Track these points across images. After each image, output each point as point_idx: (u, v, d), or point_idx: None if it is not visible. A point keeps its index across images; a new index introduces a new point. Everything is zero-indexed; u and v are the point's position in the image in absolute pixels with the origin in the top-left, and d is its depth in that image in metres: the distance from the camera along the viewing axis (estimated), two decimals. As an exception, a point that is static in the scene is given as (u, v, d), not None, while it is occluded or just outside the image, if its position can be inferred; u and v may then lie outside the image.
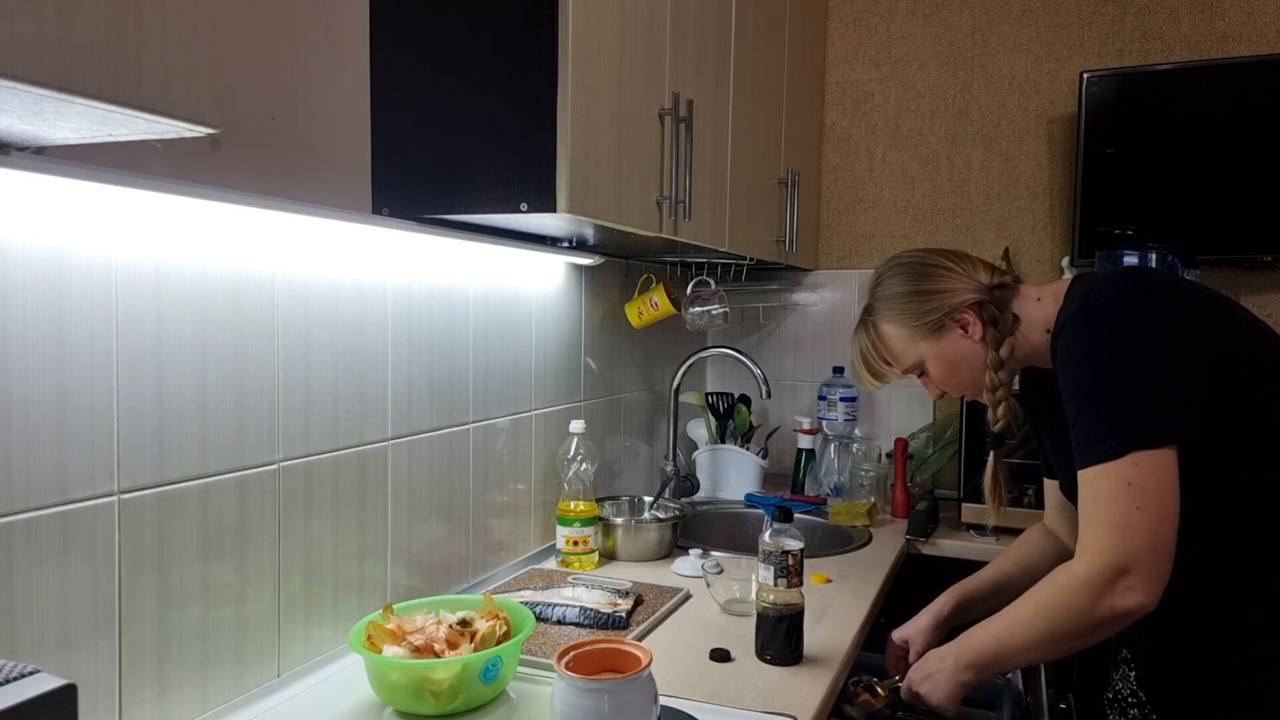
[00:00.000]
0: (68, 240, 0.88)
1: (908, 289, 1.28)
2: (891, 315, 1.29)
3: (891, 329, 1.30)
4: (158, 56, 0.89)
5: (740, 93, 1.90)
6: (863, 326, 1.34)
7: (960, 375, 1.28)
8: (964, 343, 1.25)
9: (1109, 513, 1.01)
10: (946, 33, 2.50)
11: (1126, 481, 1.00)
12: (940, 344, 1.27)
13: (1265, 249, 2.07)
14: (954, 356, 1.27)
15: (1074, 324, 1.10)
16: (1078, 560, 1.04)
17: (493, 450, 1.62)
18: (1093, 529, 1.02)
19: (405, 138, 1.26)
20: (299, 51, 1.12)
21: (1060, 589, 1.05)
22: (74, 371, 0.89)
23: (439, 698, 1.07)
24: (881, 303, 1.31)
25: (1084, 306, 1.10)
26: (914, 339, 1.28)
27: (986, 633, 1.16)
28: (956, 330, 1.25)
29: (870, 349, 1.33)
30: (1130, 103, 2.16)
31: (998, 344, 1.23)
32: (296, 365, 1.17)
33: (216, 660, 1.06)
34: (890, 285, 1.30)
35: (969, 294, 1.24)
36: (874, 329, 1.32)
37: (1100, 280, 1.14)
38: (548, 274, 1.80)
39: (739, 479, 2.37)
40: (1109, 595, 1.00)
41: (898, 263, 1.32)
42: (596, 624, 1.39)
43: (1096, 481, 1.02)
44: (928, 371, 1.30)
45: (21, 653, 0.85)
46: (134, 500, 0.96)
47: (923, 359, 1.29)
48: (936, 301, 1.26)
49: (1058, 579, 1.07)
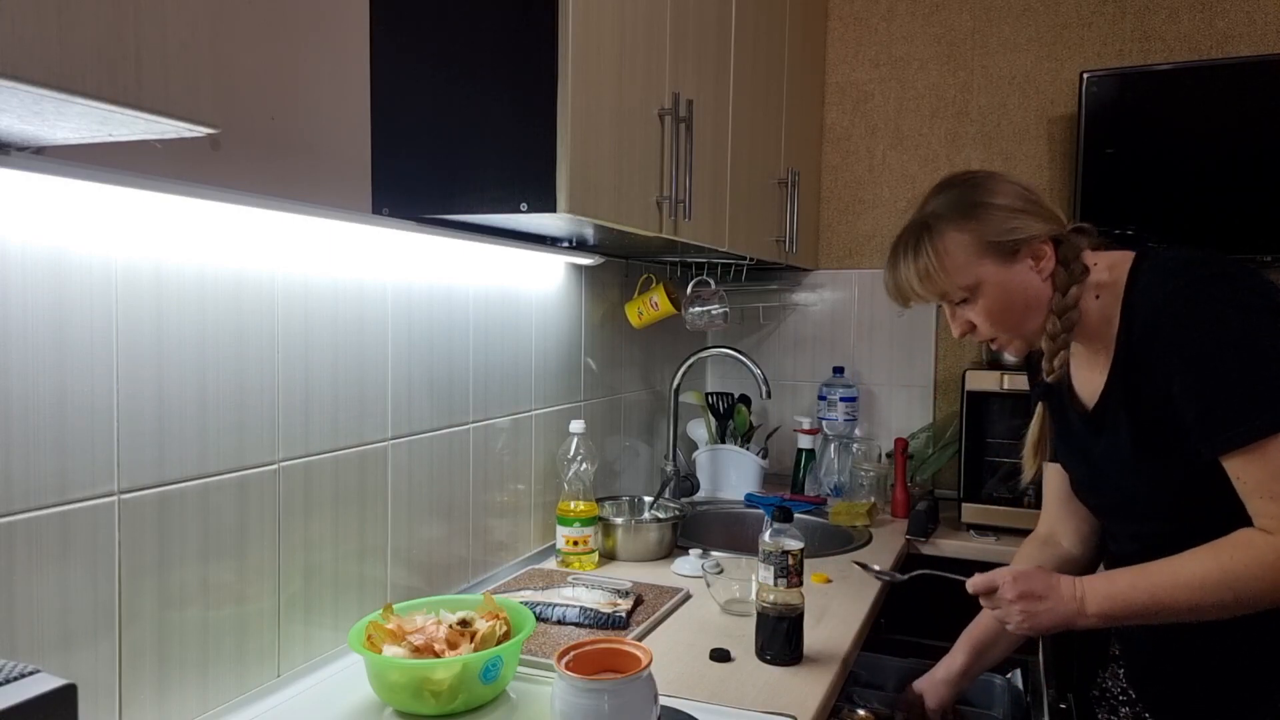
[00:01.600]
0: (68, 240, 0.88)
1: (992, 200, 1.16)
2: (965, 224, 1.15)
3: (961, 238, 1.16)
4: (158, 56, 0.89)
5: (740, 93, 1.90)
6: (920, 232, 1.19)
7: (1014, 312, 1.17)
8: (1031, 276, 1.16)
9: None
10: (946, 33, 2.50)
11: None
12: (1007, 270, 1.15)
13: (1265, 249, 2.07)
14: (1016, 288, 1.16)
15: (1191, 289, 1.04)
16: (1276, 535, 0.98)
17: (493, 450, 1.62)
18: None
19: (405, 138, 1.26)
20: (299, 51, 1.12)
21: (1256, 560, 0.99)
22: (74, 371, 0.89)
23: (439, 698, 1.07)
24: (955, 209, 1.17)
25: (1194, 272, 1.05)
26: (981, 256, 1.15)
27: (1134, 586, 1.06)
28: (1028, 260, 1.15)
29: (929, 256, 1.17)
30: (1130, 103, 2.16)
31: (1065, 289, 1.15)
32: (296, 365, 1.17)
33: (216, 660, 1.06)
34: (969, 193, 1.17)
35: (1051, 226, 1.16)
36: (936, 235, 1.17)
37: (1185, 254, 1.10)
38: (548, 274, 1.80)
39: (739, 479, 2.37)
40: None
41: (980, 173, 1.21)
42: (596, 624, 1.39)
43: (1274, 451, 0.97)
44: (976, 299, 1.18)
45: (21, 653, 0.85)
46: (134, 500, 0.96)
47: (980, 282, 1.16)
48: (1020, 222, 1.14)
49: (1252, 549, 1.00)
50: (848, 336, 2.62)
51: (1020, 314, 1.18)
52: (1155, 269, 1.12)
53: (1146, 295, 1.10)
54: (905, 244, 1.21)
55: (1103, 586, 1.09)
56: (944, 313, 1.26)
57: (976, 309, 1.19)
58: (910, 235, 1.20)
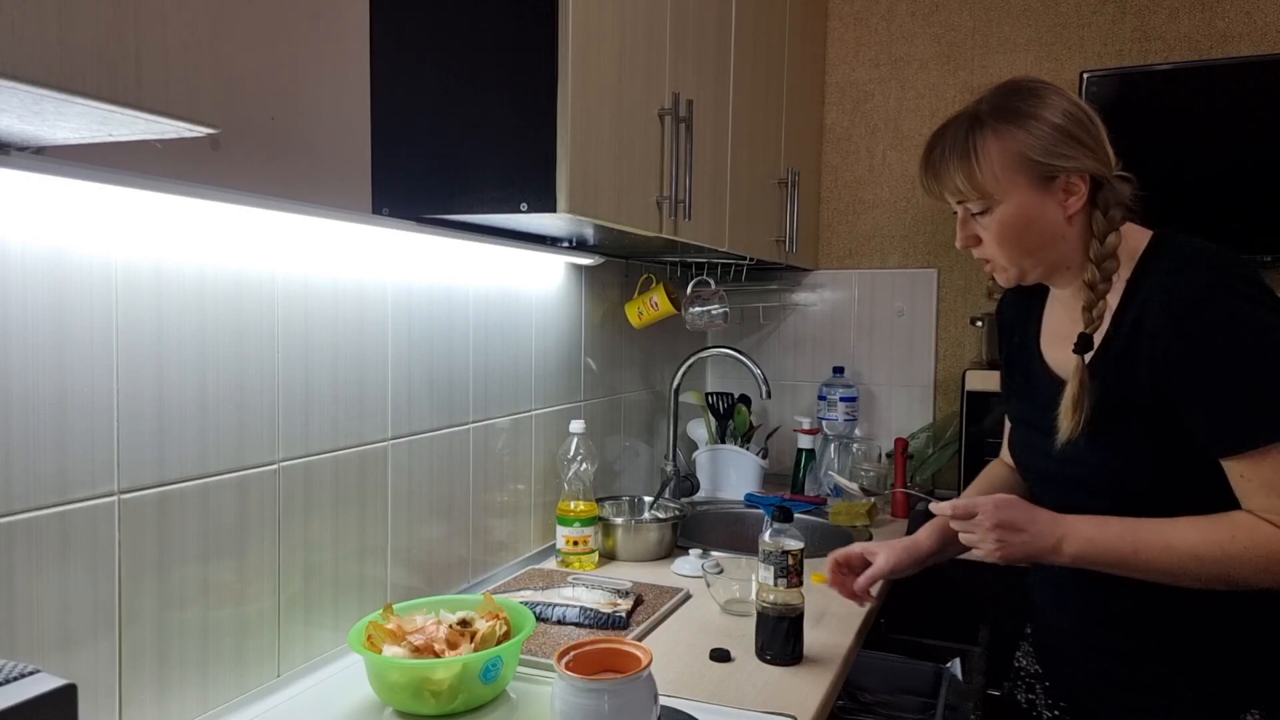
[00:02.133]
0: (68, 240, 0.88)
1: (1047, 115, 1.11)
2: (1014, 132, 1.10)
3: (1003, 145, 1.11)
4: (158, 56, 0.89)
5: (740, 93, 1.90)
6: (968, 124, 1.13)
7: (1025, 241, 1.13)
8: (1056, 210, 1.12)
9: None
10: (946, 33, 2.49)
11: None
12: (1035, 194, 1.11)
13: (1265, 249, 2.07)
14: (1036, 216, 1.12)
15: (1213, 295, 1.03)
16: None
17: (493, 450, 1.62)
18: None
19: (405, 138, 1.26)
20: (299, 51, 1.12)
21: (1262, 548, 1.01)
22: (74, 371, 0.89)
23: (439, 698, 1.07)
24: (1007, 114, 1.11)
25: (1217, 277, 1.04)
26: (1017, 171, 1.10)
27: (1121, 538, 1.07)
28: (1060, 192, 1.11)
29: (971, 152, 1.12)
30: (1130, 103, 2.16)
31: (1104, 236, 1.12)
32: (296, 365, 1.17)
33: (216, 660, 1.06)
34: (1027, 102, 1.12)
35: (1098, 165, 1.12)
36: (980, 132, 1.12)
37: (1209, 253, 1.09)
38: (548, 274, 1.80)
39: (739, 479, 2.36)
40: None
41: (1049, 86, 1.14)
42: (596, 624, 1.39)
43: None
44: (993, 213, 1.13)
45: (21, 653, 0.85)
46: (134, 500, 0.96)
47: (1004, 198, 1.12)
48: (1068, 149, 1.10)
49: (1258, 535, 1.01)
50: (848, 336, 2.62)
51: (1030, 244, 1.14)
52: (1181, 257, 1.10)
53: (1175, 284, 1.07)
54: (950, 133, 1.15)
55: (1088, 530, 1.09)
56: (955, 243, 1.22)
57: (989, 224, 1.15)
58: (957, 126, 1.15)
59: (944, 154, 1.15)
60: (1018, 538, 1.10)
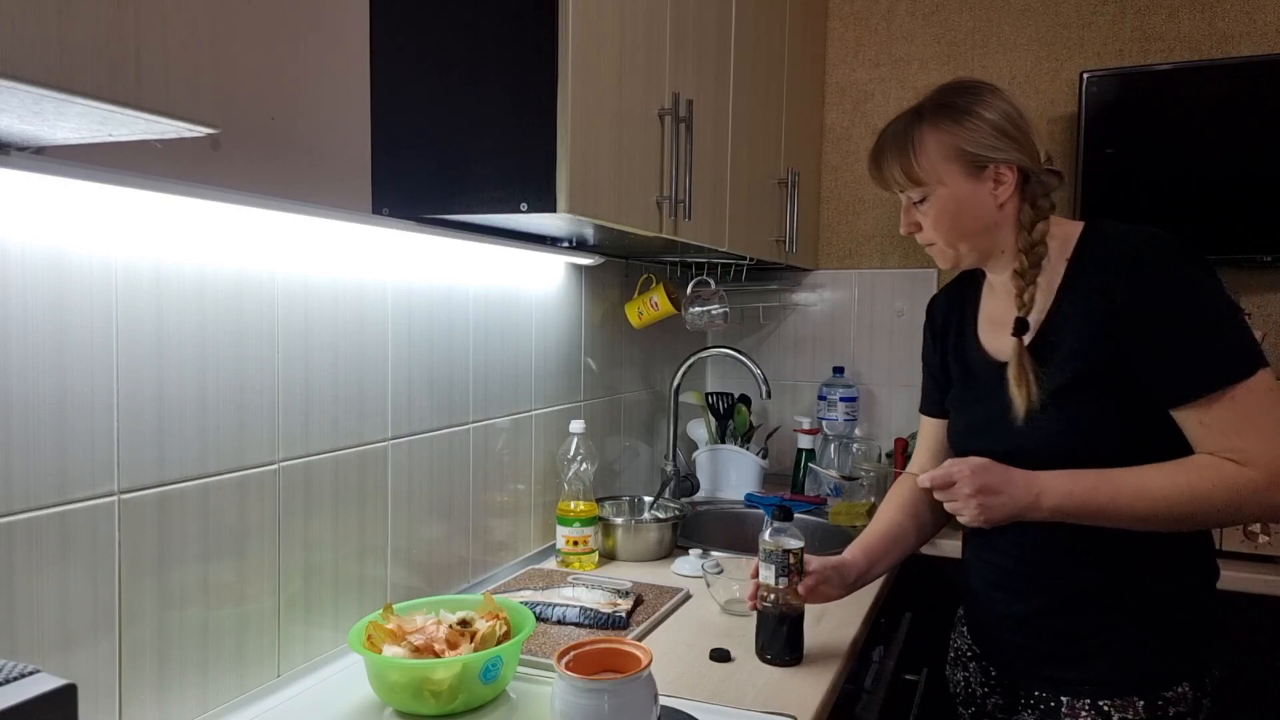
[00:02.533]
0: (68, 240, 0.88)
1: (982, 113, 1.20)
2: (949, 127, 1.21)
3: (940, 138, 1.21)
4: (158, 56, 0.89)
5: (740, 93, 1.90)
6: (910, 119, 1.25)
7: (958, 226, 1.23)
8: (986, 198, 1.21)
9: (1268, 420, 1.07)
10: (946, 33, 2.50)
11: (1268, 387, 1.07)
12: (967, 183, 1.21)
13: (1265, 249, 2.07)
14: (968, 203, 1.21)
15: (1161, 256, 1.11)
16: (1252, 466, 1.06)
17: (493, 450, 1.62)
18: (1260, 440, 1.06)
19: (405, 138, 1.26)
20: (299, 51, 1.12)
21: (1228, 484, 1.07)
22: (74, 371, 0.89)
23: (439, 698, 1.07)
24: (946, 110, 1.22)
25: (1159, 242, 1.13)
26: (948, 161, 1.21)
27: (1097, 489, 1.12)
28: (990, 182, 1.21)
29: (908, 144, 1.23)
30: (1130, 103, 2.16)
31: (1031, 225, 1.21)
32: (296, 365, 1.17)
33: (216, 660, 1.06)
34: (966, 100, 1.22)
35: (1025, 158, 1.20)
36: (919, 127, 1.23)
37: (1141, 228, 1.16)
38: (548, 274, 1.80)
39: (739, 479, 2.36)
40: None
41: (986, 86, 1.24)
42: (596, 624, 1.39)
43: (1242, 397, 1.07)
44: (931, 201, 1.23)
45: (21, 653, 0.85)
46: (134, 500, 0.96)
47: (939, 185, 1.22)
48: (996, 142, 1.19)
49: (1223, 472, 1.08)
50: (848, 336, 2.62)
51: (964, 228, 1.23)
52: (1122, 232, 1.17)
53: (1124, 250, 1.14)
54: (894, 126, 1.27)
55: (1064, 485, 1.14)
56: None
57: (927, 211, 1.24)
58: (900, 120, 1.26)
59: (884, 147, 1.26)
60: (996, 499, 1.16)
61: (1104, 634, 1.18)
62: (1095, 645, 1.18)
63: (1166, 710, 1.14)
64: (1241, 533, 1.82)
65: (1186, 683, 1.15)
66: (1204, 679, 1.17)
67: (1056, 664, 1.22)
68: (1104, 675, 1.18)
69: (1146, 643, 1.16)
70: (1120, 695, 1.16)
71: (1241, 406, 1.07)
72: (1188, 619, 1.17)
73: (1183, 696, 1.15)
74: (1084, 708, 1.18)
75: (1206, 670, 1.17)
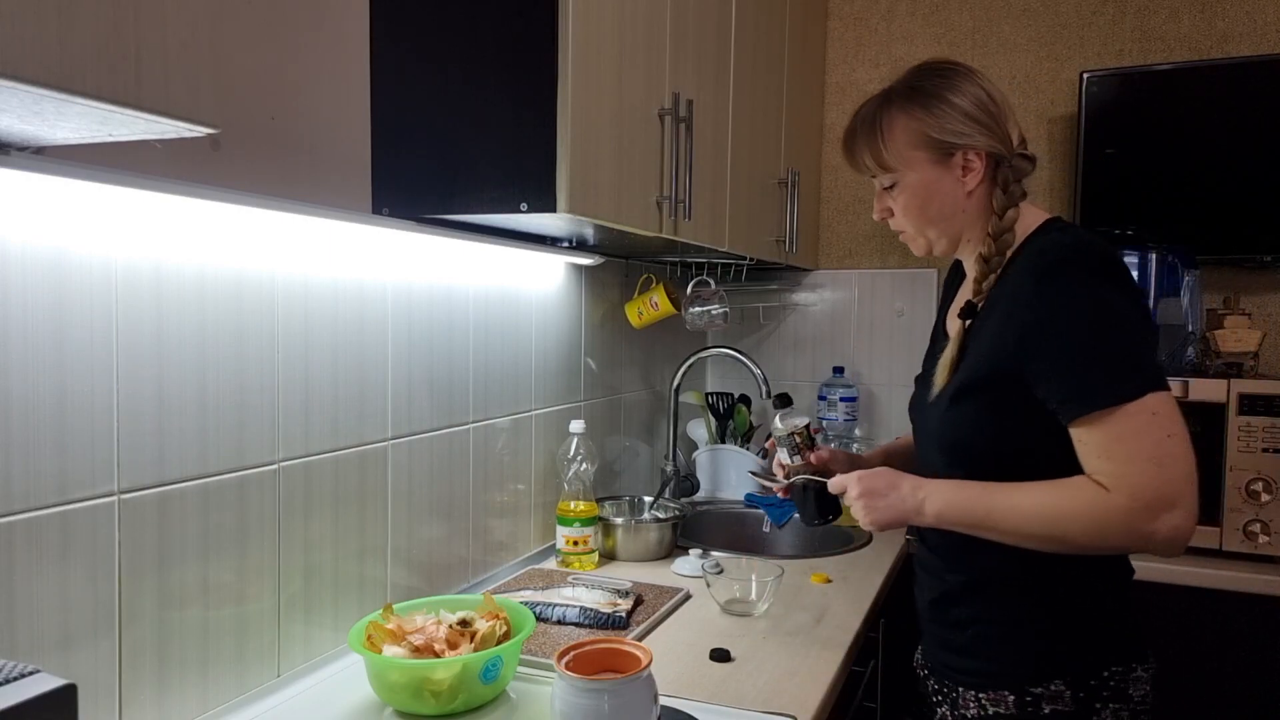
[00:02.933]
0: (68, 240, 0.88)
1: (951, 98, 1.18)
2: (917, 113, 1.19)
3: (908, 123, 1.19)
4: (158, 56, 0.89)
5: (740, 93, 1.90)
6: (879, 103, 1.23)
7: (926, 212, 1.21)
8: (955, 185, 1.19)
9: (1142, 446, 1.03)
10: (946, 33, 2.49)
11: (1151, 412, 1.03)
12: (935, 169, 1.19)
13: (1265, 249, 2.07)
14: (935, 190, 1.20)
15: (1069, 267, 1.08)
16: (1116, 492, 1.03)
17: (493, 450, 1.62)
18: (1127, 464, 1.03)
19: (405, 137, 1.26)
20: (299, 51, 1.12)
21: (1090, 506, 1.05)
22: (74, 371, 0.89)
23: (439, 698, 1.07)
24: (915, 96, 1.19)
25: (1077, 253, 1.09)
26: (917, 147, 1.19)
27: (977, 500, 1.12)
28: (957, 169, 1.18)
29: (877, 128, 1.21)
30: (1130, 103, 2.16)
31: (1003, 212, 1.18)
32: (296, 365, 1.17)
33: (216, 660, 1.06)
34: (935, 84, 1.19)
35: (995, 144, 1.17)
36: (888, 111, 1.21)
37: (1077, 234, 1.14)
38: (548, 274, 1.80)
39: (739, 479, 2.36)
40: (1150, 525, 1.02)
41: (959, 69, 1.21)
42: (596, 624, 1.39)
43: (1119, 420, 1.03)
44: (900, 187, 1.22)
45: (21, 653, 0.85)
46: (134, 500, 0.96)
47: (908, 170, 1.20)
48: (964, 127, 1.17)
49: (1087, 494, 1.05)
50: (848, 336, 2.62)
51: (932, 215, 1.22)
52: (1053, 238, 1.14)
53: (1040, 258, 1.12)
54: (865, 109, 1.25)
55: (947, 493, 1.15)
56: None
57: (897, 197, 1.23)
58: (871, 104, 1.24)
59: (855, 131, 1.25)
60: (881, 502, 1.19)
61: (976, 625, 1.19)
62: (970, 636, 1.20)
63: (1039, 706, 1.12)
64: (1242, 532, 1.82)
65: (1060, 680, 1.12)
66: (1089, 679, 1.12)
67: (950, 651, 1.23)
68: (978, 666, 1.19)
69: (1012, 637, 1.16)
70: (993, 688, 1.16)
71: (1116, 430, 1.04)
72: (1068, 618, 1.14)
73: (1058, 694, 1.12)
74: (971, 699, 1.19)
75: (1092, 671, 1.12)
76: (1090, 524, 1.05)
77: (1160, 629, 1.84)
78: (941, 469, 1.19)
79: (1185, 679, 1.82)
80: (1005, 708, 1.15)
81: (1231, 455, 1.83)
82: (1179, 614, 1.82)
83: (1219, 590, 1.79)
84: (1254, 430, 1.82)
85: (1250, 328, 1.98)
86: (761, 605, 1.51)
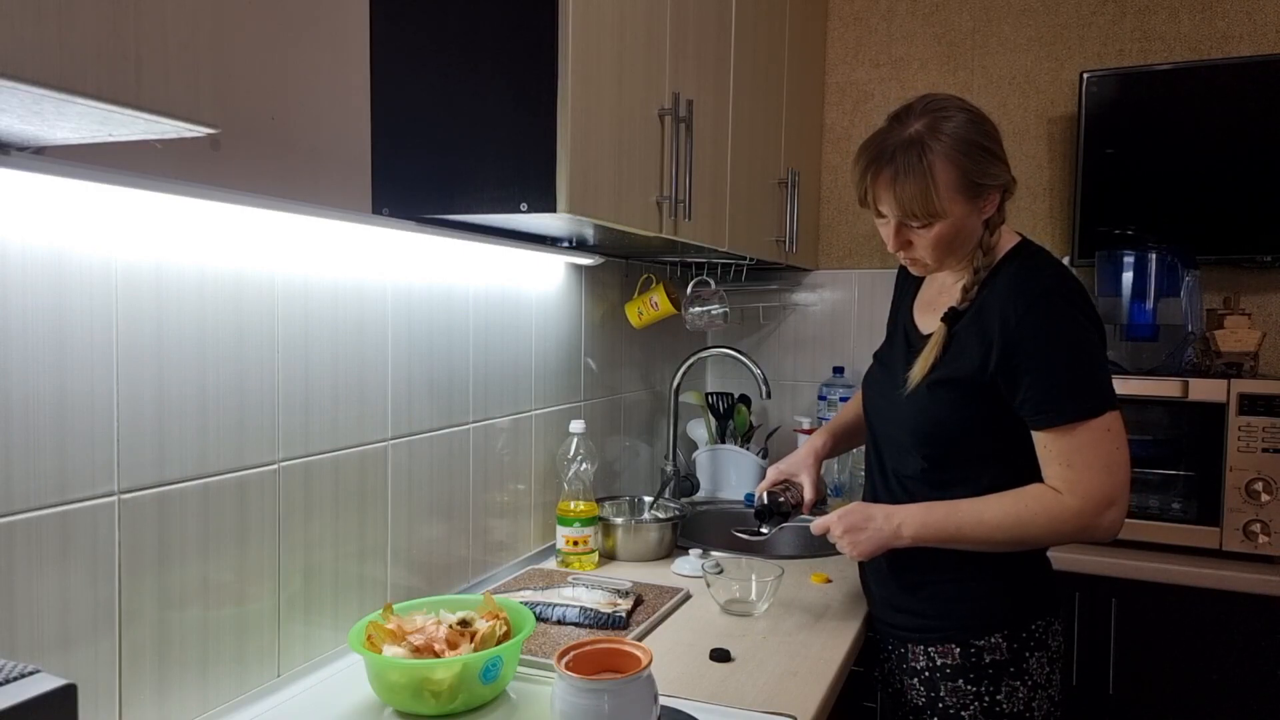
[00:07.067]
0: (68, 240, 0.88)
1: (982, 142, 1.24)
2: (961, 160, 1.22)
3: (953, 170, 1.22)
4: (158, 56, 0.89)
5: (740, 93, 1.90)
6: (916, 151, 1.21)
7: (956, 247, 1.29)
8: (976, 218, 1.28)
9: (1096, 455, 1.20)
10: (946, 33, 2.49)
11: (1106, 428, 1.21)
12: (967, 207, 1.25)
13: (1265, 249, 2.07)
14: (965, 226, 1.27)
15: (1052, 299, 1.23)
16: (1069, 495, 1.21)
17: (493, 450, 1.62)
18: (1085, 471, 1.21)
19: (405, 137, 1.26)
20: (299, 51, 1.12)
21: (1048, 511, 1.22)
22: (74, 371, 0.89)
23: (439, 698, 1.07)
24: (958, 143, 1.22)
25: (1057, 285, 1.24)
26: (958, 192, 1.23)
27: (947, 519, 1.27)
28: (982, 204, 1.27)
29: (927, 177, 1.21)
30: (1130, 103, 2.16)
31: (995, 229, 1.30)
32: (296, 365, 1.17)
33: (216, 660, 1.06)
34: (973, 132, 1.23)
35: (1010, 177, 1.29)
36: (932, 159, 1.21)
37: (1054, 265, 1.29)
38: (548, 274, 1.80)
39: (739, 479, 2.36)
40: (1096, 520, 1.21)
41: (968, 108, 1.26)
42: (596, 624, 1.39)
43: (1081, 433, 1.21)
44: (933, 225, 1.25)
45: (21, 653, 0.85)
46: (134, 500, 0.96)
47: (946, 215, 1.24)
48: (997, 169, 1.26)
49: (1045, 501, 1.22)
50: (848, 336, 2.62)
51: (956, 247, 1.30)
52: (1035, 264, 1.29)
53: (1027, 283, 1.25)
54: (903, 155, 1.22)
55: (920, 516, 1.29)
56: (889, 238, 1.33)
57: (926, 235, 1.27)
58: (911, 149, 1.22)
59: (897, 177, 1.23)
60: (863, 535, 1.33)
61: (929, 587, 1.34)
62: (922, 598, 1.35)
63: (981, 656, 1.30)
64: (1242, 532, 1.82)
65: (999, 634, 1.29)
66: (1020, 631, 1.30)
67: (902, 612, 1.38)
68: (927, 624, 1.34)
69: (960, 596, 1.32)
70: (940, 642, 1.33)
71: (1076, 441, 1.21)
72: (1006, 576, 1.31)
73: (996, 646, 1.29)
74: (920, 653, 1.35)
75: (1024, 624, 1.30)
76: (1048, 525, 1.23)
77: (1160, 629, 1.84)
78: (911, 449, 1.34)
79: (1185, 679, 1.82)
80: (952, 659, 1.32)
81: (1231, 455, 1.83)
82: (1179, 614, 1.83)
83: (1219, 590, 1.79)
84: (1254, 430, 1.82)
85: (1250, 328, 1.98)
86: (761, 605, 1.51)
